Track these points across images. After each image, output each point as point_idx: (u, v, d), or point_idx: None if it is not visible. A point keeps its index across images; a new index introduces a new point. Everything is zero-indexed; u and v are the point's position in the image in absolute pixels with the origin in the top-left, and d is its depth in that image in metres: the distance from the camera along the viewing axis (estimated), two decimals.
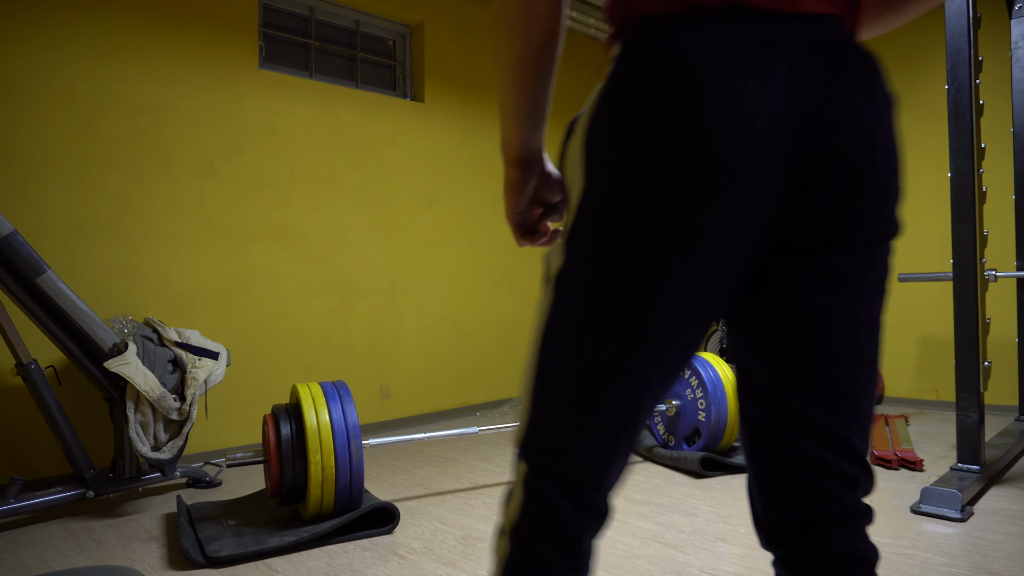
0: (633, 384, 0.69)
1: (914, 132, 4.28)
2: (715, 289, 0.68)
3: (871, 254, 0.71)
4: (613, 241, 0.67)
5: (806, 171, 0.66)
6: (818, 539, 0.73)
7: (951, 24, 2.51)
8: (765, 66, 0.63)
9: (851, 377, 0.72)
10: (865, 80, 0.67)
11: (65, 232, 2.85)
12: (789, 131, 0.64)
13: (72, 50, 2.88)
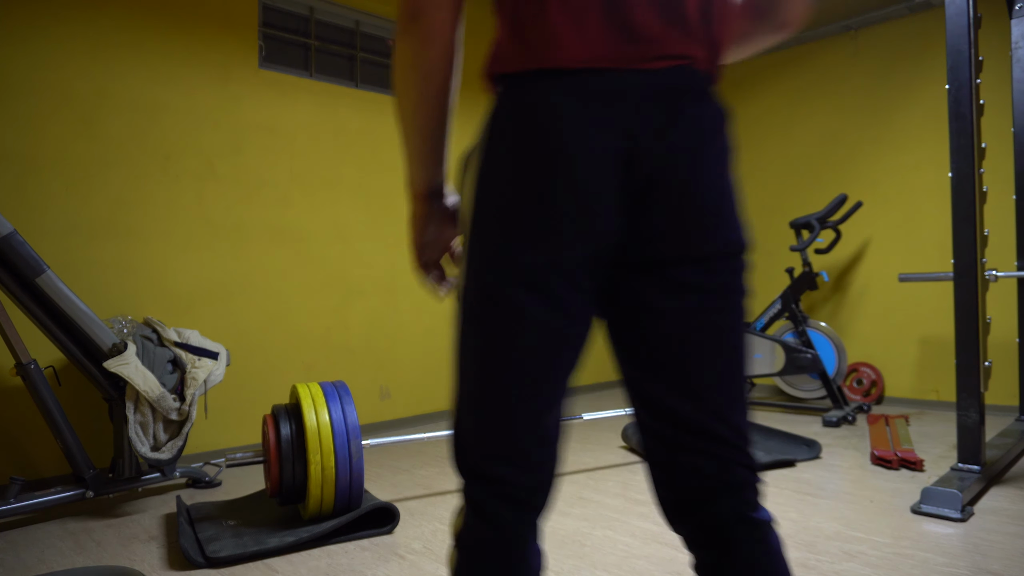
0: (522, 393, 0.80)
1: (914, 132, 4.28)
2: (571, 298, 0.79)
3: (711, 267, 0.82)
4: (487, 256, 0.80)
5: (638, 201, 0.78)
6: (708, 513, 0.82)
7: (951, 24, 2.51)
8: (601, 118, 0.75)
9: (708, 369, 0.82)
10: (697, 125, 0.78)
11: (65, 232, 2.85)
12: (618, 170, 0.76)
13: (71, 49, 2.88)
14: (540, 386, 0.82)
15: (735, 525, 0.82)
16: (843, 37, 4.57)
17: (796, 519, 2.26)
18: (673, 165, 0.77)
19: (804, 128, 4.77)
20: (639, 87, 0.76)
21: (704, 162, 0.79)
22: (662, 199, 0.78)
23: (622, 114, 0.76)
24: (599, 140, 0.75)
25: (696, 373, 0.82)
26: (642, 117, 0.76)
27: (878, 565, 1.87)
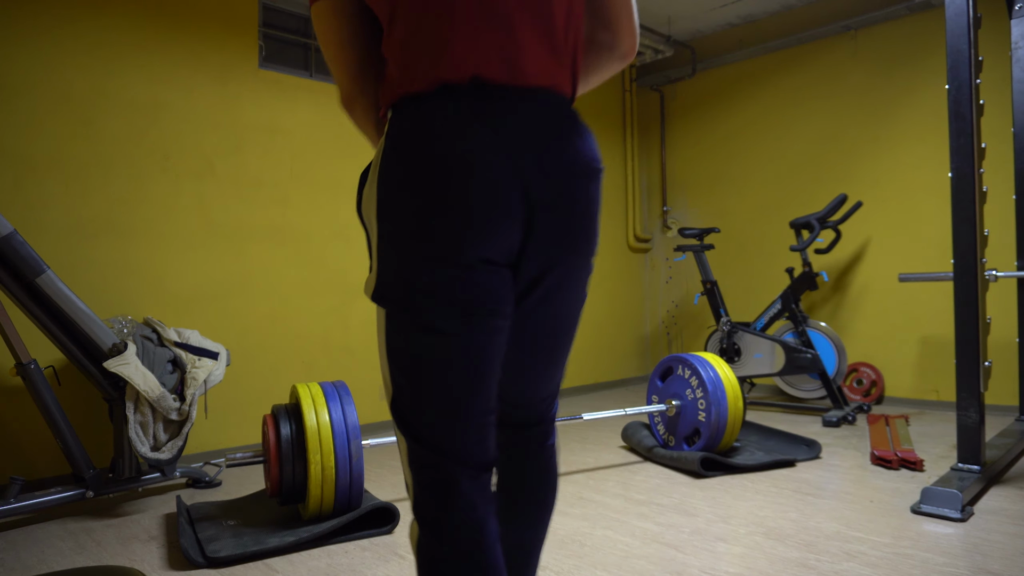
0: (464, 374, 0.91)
1: (914, 132, 4.28)
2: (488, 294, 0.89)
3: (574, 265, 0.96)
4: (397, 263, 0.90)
5: (519, 206, 0.87)
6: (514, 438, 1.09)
7: (951, 24, 2.51)
8: (487, 131, 0.85)
9: (545, 347, 1.03)
10: (564, 141, 0.90)
11: (64, 232, 2.85)
12: (501, 180, 0.86)
13: (71, 49, 2.88)
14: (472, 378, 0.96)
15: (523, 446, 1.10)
16: (843, 37, 4.57)
17: (796, 519, 2.26)
18: (548, 177, 0.89)
19: (804, 128, 4.77)
20: (517, 107, 0.88)
21: (572, 175, 0.91)
22: (541, 206, 0.89)
23: (508, 132, 0.87)
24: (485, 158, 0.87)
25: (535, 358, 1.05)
26: (523, 135, 0.88)
27: (878, 565, 1.87)
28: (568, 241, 0.93)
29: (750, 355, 4.19)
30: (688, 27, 5.13)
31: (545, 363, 1.04)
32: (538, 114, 0.89)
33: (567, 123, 0.92)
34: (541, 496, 1.11)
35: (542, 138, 0.88)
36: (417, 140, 0.87)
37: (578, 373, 5.09)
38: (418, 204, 0.86)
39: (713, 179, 5.30)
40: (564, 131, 0.91)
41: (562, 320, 1.01)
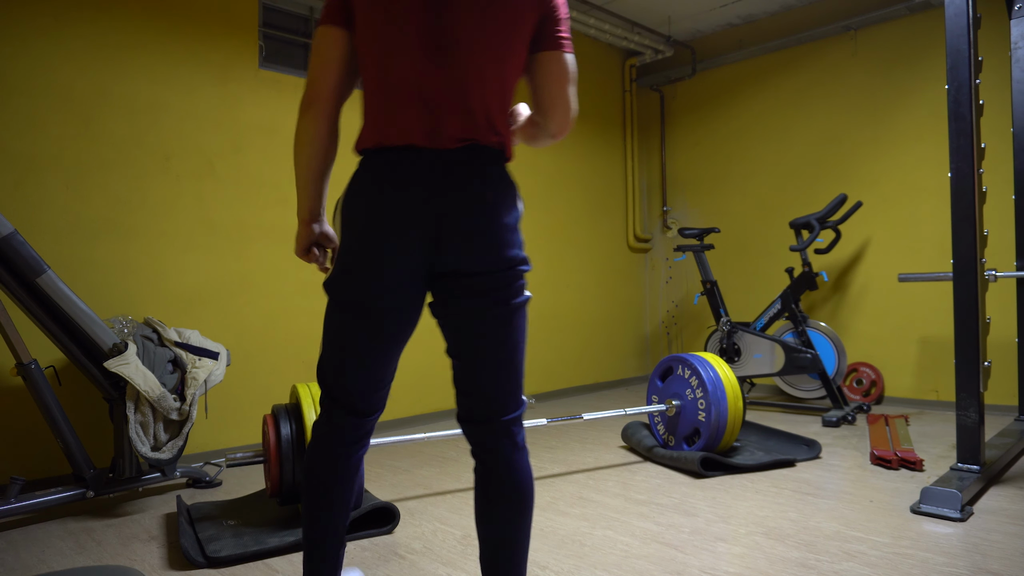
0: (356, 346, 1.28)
1: (914, 132, 4.28)
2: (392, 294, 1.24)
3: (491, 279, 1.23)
4: (343, 261, 1.27)
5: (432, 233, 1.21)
6: (479, 432, 1.31)
7: (951, 24, 2.51)
8: (407, 172, 1.22)
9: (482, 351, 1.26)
10: (467, 186, 1.22)
11: (65, 232, 2.85)
12: (412, 207, 1.21)
13: (71, 49, 2.88)
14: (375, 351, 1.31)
15: (490, 449, 1.30)
16: (843, 37, 4.57)
17: (796, 519, 2.26)
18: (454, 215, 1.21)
19: (804, 128, 4.77)
20: (431, 163, 1.22)
21: (474, 212, 1.21)
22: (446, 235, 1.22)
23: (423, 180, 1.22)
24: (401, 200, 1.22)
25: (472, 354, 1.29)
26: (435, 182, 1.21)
27: (878, 565, 1.87)
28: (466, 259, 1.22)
29: (750, 355, 4.19)
30: (688, 27, 5.13)
31: (484, 365, 1.26)
32: (445, 167, 1.21)
33: (467, 171, 1.22)
34: (507, 493, 1.27)
35: (448, 184, 1.21)
36: (360, 188, 1.25)
37: (578, 373, 5.10)
38: (354, 229, 1.26)
39: (713, 179, 5.30)
40: (461, 179, 1.21)
41: (488, 334, 1.25)
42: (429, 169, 1.21)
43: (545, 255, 4.86)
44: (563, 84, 1.28)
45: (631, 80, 5.52)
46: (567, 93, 1.29)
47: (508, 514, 1.27)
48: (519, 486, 1.27)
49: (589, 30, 4.87)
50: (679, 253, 4.63)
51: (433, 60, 1.20)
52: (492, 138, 1.25)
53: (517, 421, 1.30)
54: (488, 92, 1.24)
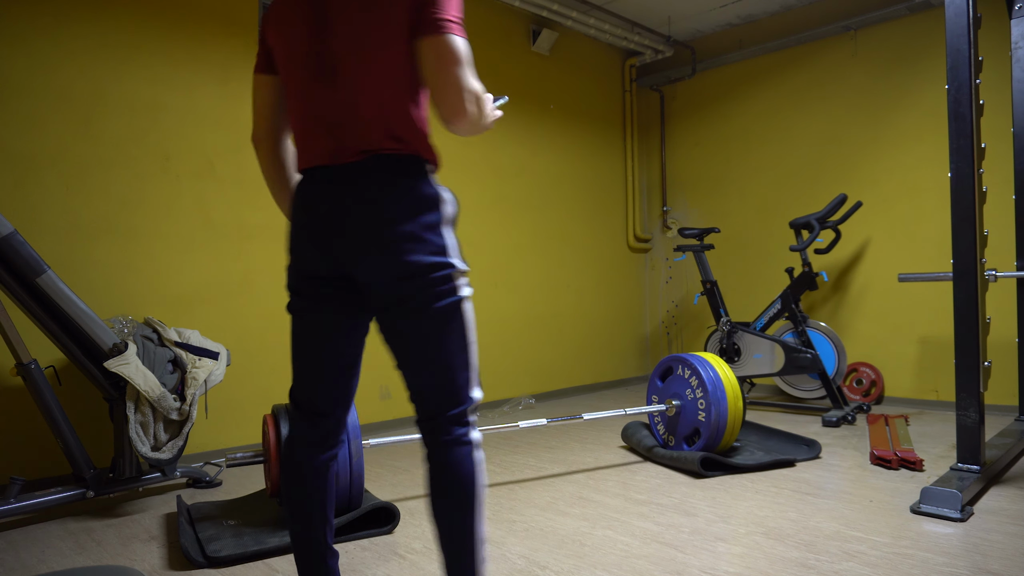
0: (299, 348, 1.40)
1: (914, 132, 4.28)
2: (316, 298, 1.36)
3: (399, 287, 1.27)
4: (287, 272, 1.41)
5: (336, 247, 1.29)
6: (422, 430, 1.38)
7: (951, 24, 2.51)
8: (314, 190, 1.31)
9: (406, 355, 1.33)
10: (363, 199, 1.26)
11: (65, 232, 2.85)
12: (319, 222, 1.30)
13: (71, 49, 2.88)
14: (317, 356, 1.41)
15: (435, 448, 1.35)
16: (842, 37, 4.57)
17: (796, 519, 2.26)
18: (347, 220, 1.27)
19: (804, 128, 4.77)
20: (333, 176, 1.29)
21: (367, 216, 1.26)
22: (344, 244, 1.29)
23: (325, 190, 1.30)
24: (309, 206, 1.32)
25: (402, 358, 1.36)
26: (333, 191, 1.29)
27: (878, 565, 1.87)
28: (373, 270, 1.27)
29: (750, 355, 4.19)
30: (688, 27, 5.14)
31: (410, 368, 1.33)
32: (360, 185, 1.27)
33: (369, 180, 1.26)
34: (445, 487, 1.30)
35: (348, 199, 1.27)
36: (291, 211, 1.37)
37: (578, 373, 5.10)
38: (287, 246, 1.39)
39: (713, 179, 5.30)
40: (363, 187, 1.26)
41: (412, 340, 1.29)
42: (332, 187, 1.28)
43: (545, 255, 4.86)
44: (446, 69, 1.22)
45: (631, 80, 5.53)
46: (453, 77, 1.22)
47: (447, 509, 1.29)
48: (457, 482, 1.29)
49: (589, 30, 4.87)
50: (679, 253, 4.63)
51: (325, 83, 1.28)
52: (394, 146, 1.26)
53: (457, 419, 1.32)
54: (383, 100, 1.25)
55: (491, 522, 2.30)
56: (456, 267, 1.29)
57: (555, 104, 4.94)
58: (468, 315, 1.32)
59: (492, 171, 4.47)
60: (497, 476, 2.89)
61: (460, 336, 1.31)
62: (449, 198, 1.32)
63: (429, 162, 1.31)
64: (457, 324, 1.30)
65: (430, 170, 1.31)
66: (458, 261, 1.30)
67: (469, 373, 1.33)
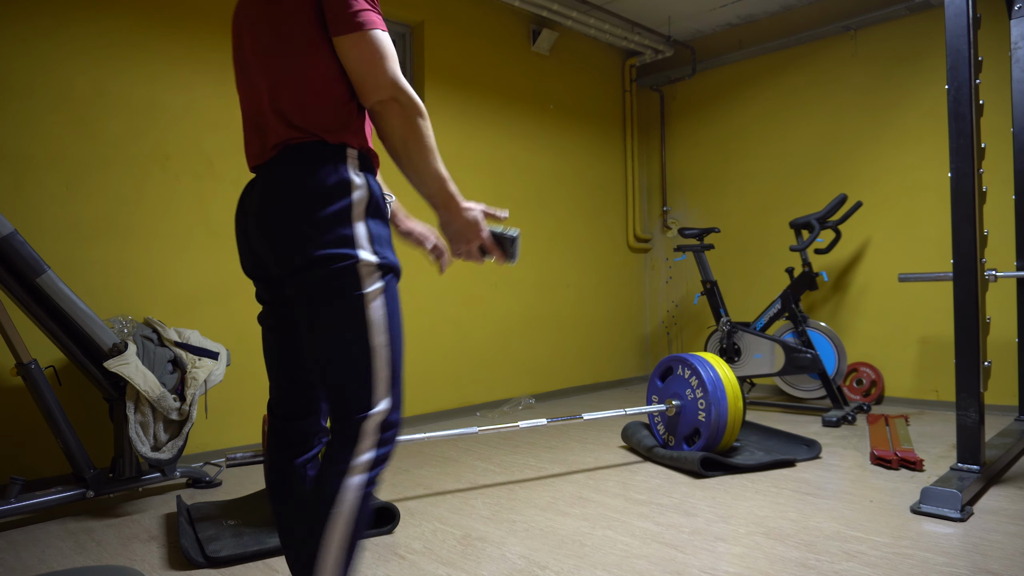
0: (265, 354, 1.39)
1: (914, 132, 4.28)
2: (264, 302, 1.36)
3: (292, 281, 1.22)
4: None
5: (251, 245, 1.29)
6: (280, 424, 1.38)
7: (951, 24, 2.51)
8: (248, 190, 1.30)
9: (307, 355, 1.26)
10: (263, 193, 1.23)
11: (65, 232, 2.85)
12: (240, 225, 1.32)
13: (71, 49, 2.88)
14: (272, 363, 1.38)
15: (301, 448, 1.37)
16: (842, 37, 4.57)
17: (796, 519, 2.26)
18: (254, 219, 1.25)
19: (804, 128, 4.77)
20: (257, 177, 1.28)
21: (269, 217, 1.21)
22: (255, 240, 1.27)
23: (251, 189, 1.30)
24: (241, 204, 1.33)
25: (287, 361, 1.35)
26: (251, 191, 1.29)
27: (878, 565, 1.87)
28: (272, 263, 1.23)
29: (750, 355, 4.19)
30: (688, 27, 5.13)
31: (309, 360, 1.25)
32: (265, 179, 1.24)
33: (263, 183, 1.24)
34: (288, 493, 1.30)
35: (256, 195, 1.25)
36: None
37: (578, 373, 5.10)
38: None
39: (713, 179, 5.30)
40: (265, 181, 1.23)
41: (303, 333, 1.23)
42: (251, 185, 1.29)
43: (545, 255, 4.86)
44: (360, 64, 1.16)
45: (631, 80, 5.53)
46: (368, 71, 1.16)
47: (288, 515, 1.29)
48: (313, 490, 1.19)
49: (589, 30, 4.87)
50: (679, 253, 4.63)
51: (244, 84, 1.30)
52: (296, 135, 1.20)
53: (337, 426, 1.20)
54: (285, 93, 1.21)
55: (491, 522, 2.31)
56: (360, 259, 1.17)
57: (555, 104, 4.94)
58: (374, 315, 1.18)
59: (492, 171, 4.47)
60: (497, 476, 2.89)
61: (357, 338, 1.17)
62: (360, 183, 1.20)
63: (338, 148, 1.21)
64: (355, 324, 1.17)
65: (340, 156, 1.20)
66: (366, 253, 1.18)
67: (368, 384, 1.18)
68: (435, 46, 4.19)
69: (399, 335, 1.23)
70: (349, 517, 1.15)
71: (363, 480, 1.16)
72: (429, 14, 4.16)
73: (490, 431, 2.69)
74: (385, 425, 1.19)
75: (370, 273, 1.18)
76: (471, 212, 1.24)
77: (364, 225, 1.19)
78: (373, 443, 1.18)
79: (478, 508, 2.46)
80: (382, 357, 1.19)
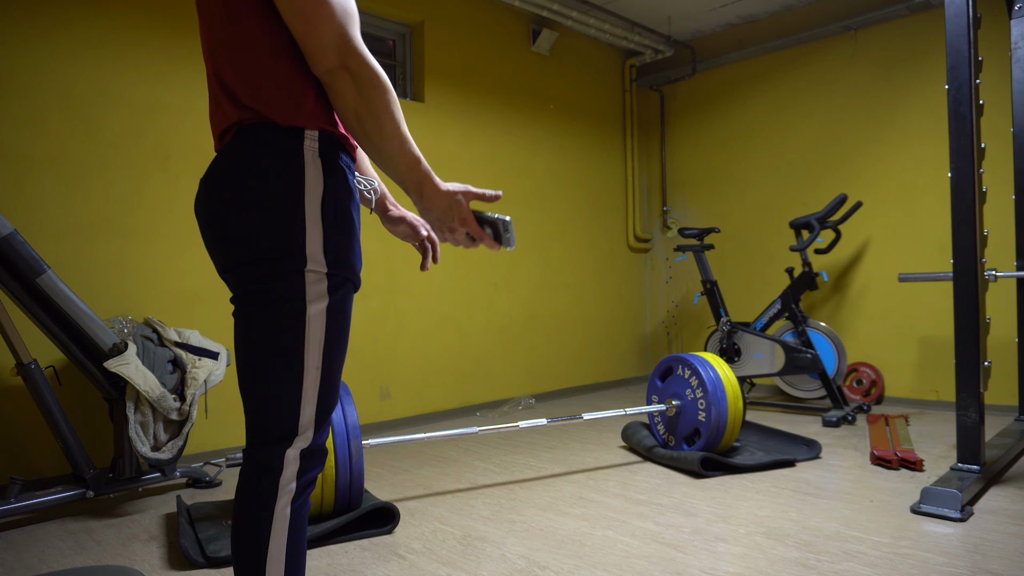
0: None
1: (914, 132, 4.28)
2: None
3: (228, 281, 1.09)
4: None
5: (203, 230, 1.12)
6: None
7: (951, 24, 2.51)
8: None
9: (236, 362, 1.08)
10: (204, 183, 1.08)
11: (65, 232, 2.85)
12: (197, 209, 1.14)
13: (71, 49, 2.88)
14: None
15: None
16: (842, 37, 4.57)
17: (796, 519, 2.26)
18: (201, 204, 1.10)
19: (804, 128, 4.77)
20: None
21: (212, 201, 1.06)
22: (203, 227, 1.11)
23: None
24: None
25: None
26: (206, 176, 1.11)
27: (878, 565, 1.87)
28: (214, 253, 1.10)
29: (750, 355, 4.19)
30: (688, 27, 5.13)
31: (237, 368, 1.08)
32: (212, 168, 1.08)
33: (218, 161, 1.07)
34: (236, 524, 1.07)
35: (202, 187, 1.10)
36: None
37: (578, 373, 5.10)
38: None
39: (713, 179, 5.30)
40: (213, 167, 1.08)
41: (238, 333, 1.07)
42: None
43: (545, 255, 4.86)
44: (299, 24, 0.99)
45: (631, 80, 5.53)
46: (308, 31, 0.99)
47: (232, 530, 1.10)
48: (235, 519, 1.05)
49: (589, 30, 4.87)
50: (679, 253, 4.63)
51: (206, 61, 1.12)
52: (248, 116, 1.03)
53: (255, 450, 1.05)
54: (232, 69, 1.05)
55: (491, 522, 2.31)
56: (307, 267, 1.02)
57: (555, 104, 4.94)
58: (312, 332, 1.04)
59: (491, 171, 4.47)
60: (497, 476, 2.89)
61: (289, 355, 1.03)
62: (315, 174, 1.03)
63: (292, 131, 1.03)
64: (288, 339, 1.03)
65: (295, 141, 1.03)
66: (315, 262, 1.02)
67: (295, 407, 1.04)
68: (435, 46, 4.19)
69: (338, 359, 1.08)
70: (284, 551, 1.04)
71: (289, 511, 1.04)
72: (429, 14, 4.16)
73: (490, 431, 2.69)
74: (308, 453, 1.07)
75: (316, 282, 1.03)
76: (451, 195, 1.07)
77: (319, 225, 1.02)
78: (295, 472, 1.05)
79: (478, 508, 2.46)
80: (313, 380, 1.05)
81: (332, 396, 1.09)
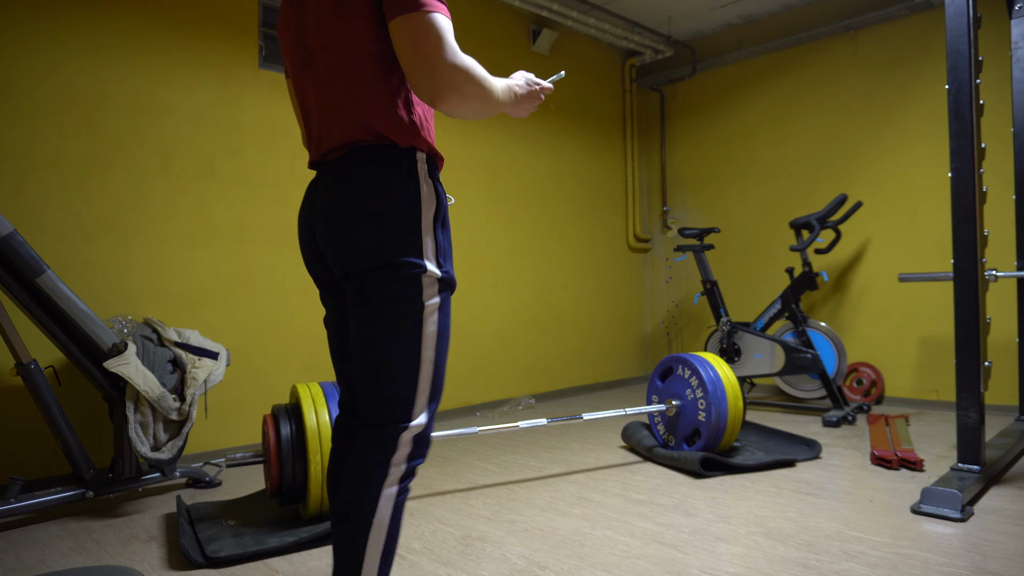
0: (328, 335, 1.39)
1: (914, 132, 4.28)
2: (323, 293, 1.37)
3: (350, 285, 1.22)
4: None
5: (316, 243, 1.29)
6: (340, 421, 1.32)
7: (951, 24, 2.51)
8: (306, 195, 1.33)
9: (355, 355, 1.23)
10: (327, 193, 1.23)
11: (64, 232, 2.85)
12: (304, 221, 1.32)
13: (72, 50, 2.88)
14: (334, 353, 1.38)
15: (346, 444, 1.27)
16: (843, 37, 4.57)
17: (796, 519, 2.26)
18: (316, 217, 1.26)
19: (804, 128, 4.77)
20: (319, 172, 1.29)
21: (330, 214, 1.22)
22: (320, 237, 1.26)
23: (312, 187, 1.31)
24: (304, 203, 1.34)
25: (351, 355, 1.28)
26: (314, 188, 1.29)
27: (878, 565, 1.87)
28: (334, 262, 1.24)
29: (750, 355, 4.19)
30: (688, 27, 5.13)
31: (356, 360, 1.22)
32: (324, 177, 1.25)
33: (328, 179, 1.24)
34: (336, 494, 1.22)
35: (320, 192, 1.25)
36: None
37: (578, 373, 5.10)
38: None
39: (713, 179, 5.30)
40: (332, 182, 1.23)
41: (356, 336, 1.22)
42: (315, 182, 1.29)
43: (545, 255, 4.86)
44: (413, 47, 1.10)
45: (631, 80, 5.52)
46: (421, 56, 1.10)
47: (334, 519, 1.21)
48: (345, 493, 1.18)
49: (589, 30, 4.87)
50: (679, 253, 4.63)
51: (306, 77, 1.26)
52: (366, 136, 1.19)
53: (374, 431, 1.18)
54: (353, 90, 1.19)
55: (491, 522, 2.30)
56: (426, 270, 1.18)
57: (555, 104, 4.94)
58: (428, 328, 1.19)
59: (491, 171, 4.47)
60: (497, 476, 2.88)
61: (410, 349, 1.18)
62: (429, 191, 1.21)
63: (408, 152, 1.20)
64: (409, 334, 1.18)
65: (411, 161, 1.20)
66: (432, 265, 1.19)
67: (412, 395, 1.19)
68: None
69: (445, 353, 1.23)
70: (386, 528, 1.16)
71: (396, 491, 1.17)
72: None
73: (490, 431, 2.69)
74: (420, 439, 1.20)
75: (431, 285, 1.19)
76: (533, 96, 1.34)
77: (432, 235, 1.20)
78: (407, 454, 1.19)
79: (478, 508, 2.46)
80: (427, 372, 1.20)
81: (440, 385, 1.24)
